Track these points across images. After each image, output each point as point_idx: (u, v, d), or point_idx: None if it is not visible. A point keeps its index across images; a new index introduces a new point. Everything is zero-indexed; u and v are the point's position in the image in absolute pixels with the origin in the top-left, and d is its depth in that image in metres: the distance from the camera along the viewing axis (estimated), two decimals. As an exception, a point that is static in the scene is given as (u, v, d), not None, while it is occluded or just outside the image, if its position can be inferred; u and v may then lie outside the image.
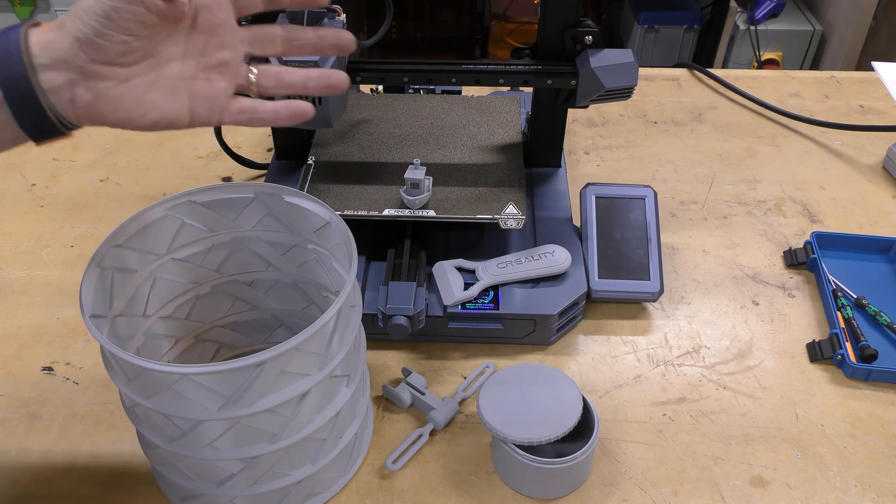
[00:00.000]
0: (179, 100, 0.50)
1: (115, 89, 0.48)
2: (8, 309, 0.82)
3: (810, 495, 0.66)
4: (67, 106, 0.47)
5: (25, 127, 0.47)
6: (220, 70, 0.51)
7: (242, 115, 0.53)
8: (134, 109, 0.49)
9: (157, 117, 0.50)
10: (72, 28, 0.46)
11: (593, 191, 0.85)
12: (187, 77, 0.50)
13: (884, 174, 1.01)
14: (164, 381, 0.51)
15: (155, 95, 0.49)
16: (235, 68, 0.52)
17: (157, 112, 0.50)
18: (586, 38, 0.77)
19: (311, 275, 0.69)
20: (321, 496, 0.65)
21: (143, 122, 0.49)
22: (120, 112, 0.48)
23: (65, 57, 0.46)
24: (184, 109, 0.50)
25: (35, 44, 0.46)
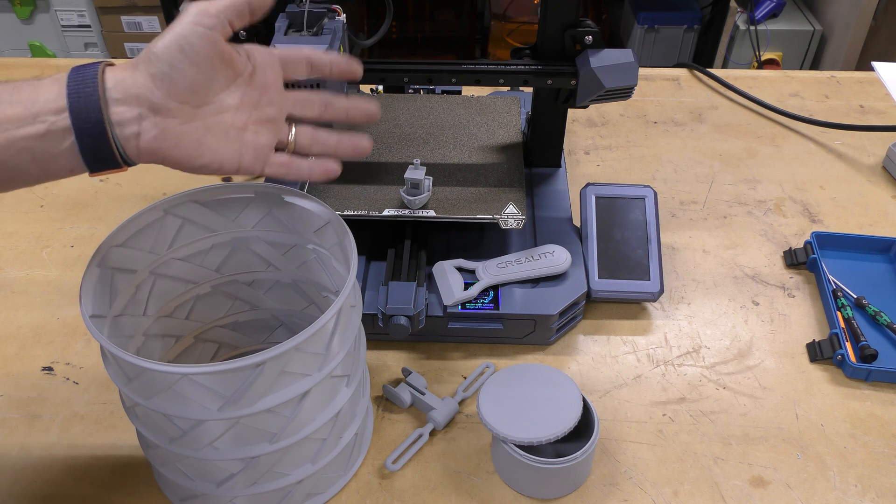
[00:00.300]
0: (231, 147, 0.54)
1: (178, 127, 0.51)
2: (8, 309, 0.82)
3: (810, 495, 0.66)
4: (132, 139, 0.50)
5: (87, 157, 0.50)
6: (267, 125, 0.56)
7: (280, 169, 0.58)
8: (193, 149, 0.53)
9: (210, 159, 0.54)
10: (146, 66, 0.50)
11: (593, 191, 0.85)
12: (239, 127, 0.55)
13: (884, 174, 1.01)
14: (164, 381, 0.51)
15: (211, 139, 0.53)
16: (279, 125, 0.57)
17: (211, 155, 0.53)
18: (586, 38, 0.77)
19: (311, 275, 0.69)
20: (321, 496, 0.65)
21: (197, 163, 0.53)
22: (180, 150, 0.52)
23: (138, 93, 0.50)
24: (234, 156, 0.55)
25: (109, 79, 0.49)
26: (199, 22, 0.51)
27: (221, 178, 0.99)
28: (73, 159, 0.50)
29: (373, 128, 0.89)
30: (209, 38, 0.51)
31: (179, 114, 0.51)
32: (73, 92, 0.48)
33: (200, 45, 0.51)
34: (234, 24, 0.53)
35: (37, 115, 0.48)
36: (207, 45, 0.51)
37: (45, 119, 0.48)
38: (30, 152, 0.49)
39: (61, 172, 0.51)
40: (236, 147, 0.55)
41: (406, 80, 0.79)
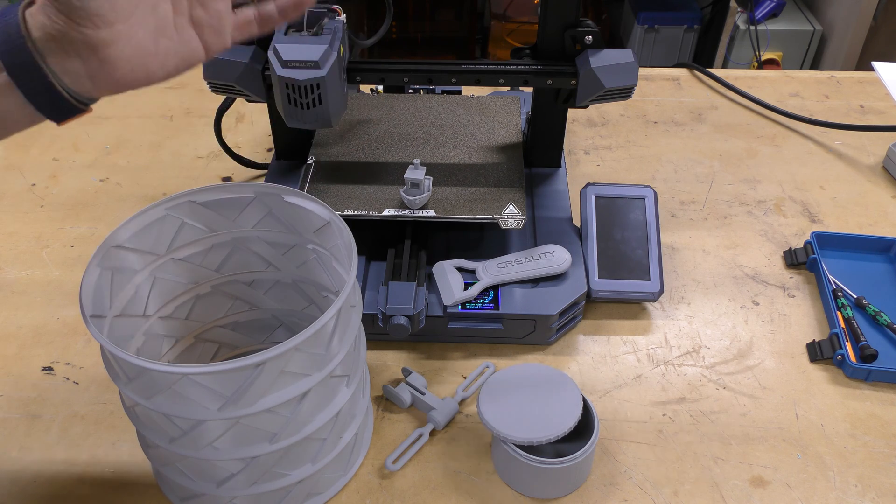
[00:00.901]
0: (187, 36, 0.50)
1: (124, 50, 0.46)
2: (8, 309, 0.82)
3: (810, 495, 0.66)
4: (84, 80, 0.46)
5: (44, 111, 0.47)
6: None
7: (250, 27, 0.52)
8: (150, 63, 0.48)
9: (174, 61, 0.49)
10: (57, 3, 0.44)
11: (593, 191, 0.85)
12: (184, 11, 0.49)
13: (884, 174, 1.01)
14: (164, 381, 0.51)
15: (164, 42, 0.48)
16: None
17: (172, 56, 0.49)
18: (586, 38, 0.77)
19: (311, 275, 0.69)
20: (321, 496, 0.65)
21: (163, 72, 0.49)
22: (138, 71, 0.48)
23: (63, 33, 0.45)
24: (195, 44, 0.50)
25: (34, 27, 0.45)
26: None
27: (221, 178, 0.99)
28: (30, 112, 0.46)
29: (373, 128, 0.89)
30: None
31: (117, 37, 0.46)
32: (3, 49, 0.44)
33: None
34: None
35: None
36: None
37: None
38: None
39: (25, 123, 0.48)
40: (192, 34, 0.49)
41: (406, 80, 0.79)
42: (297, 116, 0.72)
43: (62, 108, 0.47)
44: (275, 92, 0.72)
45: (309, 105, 0.71)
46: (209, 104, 1.13)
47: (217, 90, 0.79)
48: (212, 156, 1.03)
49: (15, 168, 1.01)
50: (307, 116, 0.72)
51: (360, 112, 0.91)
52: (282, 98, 0.71)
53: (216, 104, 1.02)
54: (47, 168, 1.01)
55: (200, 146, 1.05)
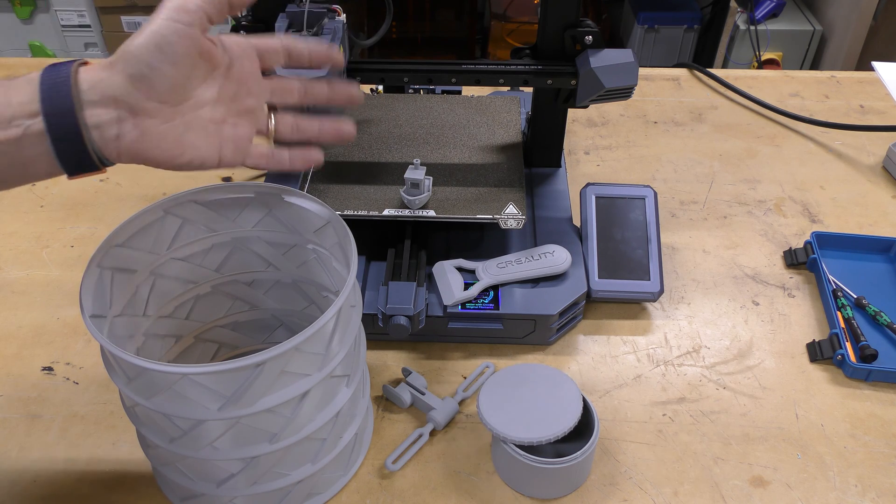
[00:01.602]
0: (212, 142, 0.53)
1: (159, 128, 0.50)
2: (8, 309, 0.82)
3: (810, 495, 0.66)
4: (111, 142, 0.49)
5: (64, 161, 0.48)
6: (246, 116, 0.55)
7: (261, 160, 0.57)
8: (173, 148, 0.51)
9: (191, 157, 0.52)
10: (123, 66, 0.48)
11: (593, 191, 0.85)
12: (218, 121, 0.53)
13: (884, 174, 1.01)
14: (164, 381, 0.51)
15: (191, 136, 0.52)
16: (258, 115, 0.56)
17: (193, 152, 0.52)
18: (586, 38, 0.77)
19: (311, 275, 0.69)
20: (321, 496, 0.65)
21: (179, 161, 0.52)
22: (161, 150, 0.51)
23: (115, 94, 0.48)
24: (215, 151, 0.53)
25: (84, 80, 0.48)
26: (177, 19, 0.49)
27: (221, 178, 0.99)
28: (51, 163, 0.48)
29: (373, 128, 0.89)
30: (188, 35, 0.49)
31: (159, 114, 0.50)
32: (46, 94, 0.47)
33: (179, 44, 0.49)
34: (212, 18, 0.51)
35: (11, 119, 0.46)
36: (186, 43, 0.49)
37: (20, 123, 0.46)
38: (5, 157, 0.47)
39: (39, 175, 0.50)
40: (216, 142, 0.53)
41: (406, 80, 0.79)
42: (297, 116, 0.72)
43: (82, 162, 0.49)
44: (275, 92, 0.72)
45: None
46: (209, 104, 1.12)
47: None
48: (212, 156, 1.03)
49: (15, 168, 1.00)
50: (307, 116, 0.71)
51: (360, 112, 0.91)
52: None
53: (216, 104, 1.02)
54: (47, 168, 1.01)
55: (200, 146, 1.05)
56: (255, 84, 0.55)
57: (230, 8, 0.52)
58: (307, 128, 0.59)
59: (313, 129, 0.59)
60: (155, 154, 0.51)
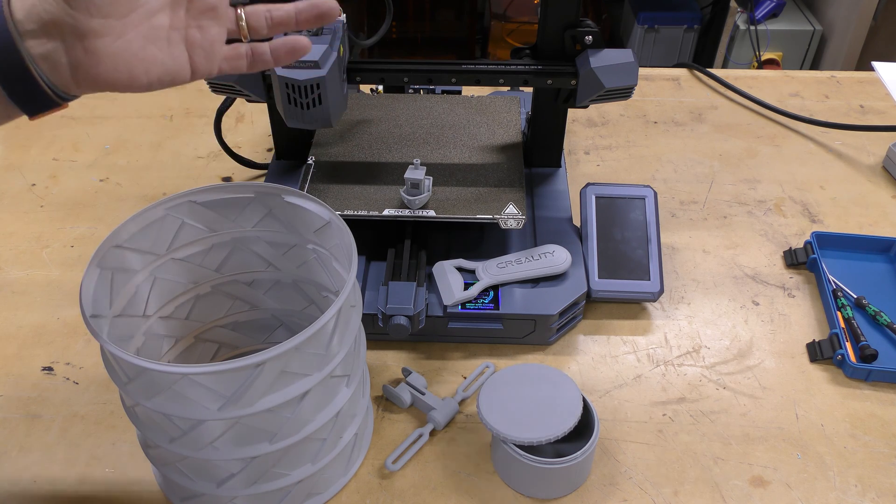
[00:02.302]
0: (177, 51, 0.48)
1: (112, 46, 0.45)
2: (8, 309, 0.82)
3: (810, 495, 0.66)
4: (64, 71, 0.45)
5: (17, 99, 0.45)
6: (210, 16, 0.50)
7: (240, 61, 0.52)
8: (135, 66, 0.47)
9: (159, 72, 0.48)
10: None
11: (593, 191, 0.85)
12: (179, 27, 0.49)
13: (884, 174, 1.01)
14: (164, 381, 0.51)
15: (152, 49, 0.47)
16: (223, 12, 0.50)
17: (159, 67, 0.48)
18: (586, 38, 0.77)
19: (311, 275, 0.69)
20: (321, 496, 0.65)
21: (146, 80, 0.47)
22: (121, 71, 0.46)
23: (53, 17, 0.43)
24: (183, 61, 0.49)
25: (18, 9, 0.43)
26: None
27: (221, 178, 0.99)
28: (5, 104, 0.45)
29: (373, 128, 0.89)
30: None
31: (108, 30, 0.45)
32: None
33: None
34: None
35: None
36: None
37: None
38: None
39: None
40: (182, 50, 0.48)
41: (406, 80, 0.79)
42: (297, 116, 0.72)
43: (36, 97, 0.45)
44: (275, 92, 0.72)
45: (309, 105, 0.71)
46: (209, 104, 1.13)
47: (217, 90, 0.79)
48: (212, 156, 1.03)
49: (15, 168, 1.01)
50: (307, 116, 0.72)
51: (360, 112, 0.91)
52: (282, 98, 0.71)
53: (216, 104, 1.02)
54: (47, 168, 1.01)
55: (200, 146, 1.05)
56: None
57: None
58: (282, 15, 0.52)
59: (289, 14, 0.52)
60: (116, 76, 0.46)
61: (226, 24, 0.51)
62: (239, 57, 0.52)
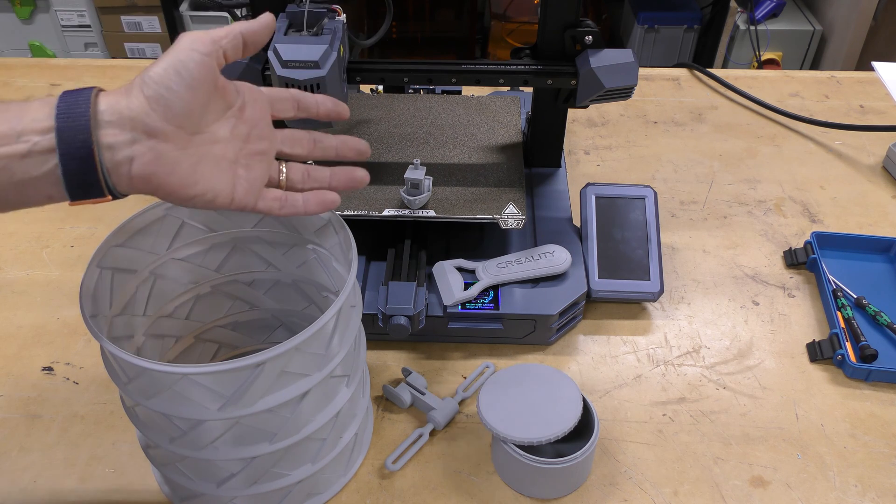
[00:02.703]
0: (225, 177, 0.53)
1: (173, 153, 0.50)
2: (8, 309, 0.82)
3: (810, 495, 0.66)
4: (124, 165, 0.48)
5: (69, 180, 0.47)
6: (258, 159, 0.55)
7: (275, 203, 0.57)
8: (187, 177, 0.51)
9: (203, 189, 0.52)
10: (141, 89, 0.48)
11: (593, 191, 0.85)
12: (231, 159, 0.53)
13: (884, 174, 1.01)
14: (164, 381, 0.51)
15: (205, 168, 0.52)
16: (270, 160, 0.57)
17: (206, 184, 0.52)
18: (586, 38, 0.77)
19: (311, 275, 0.69)
20: (321, 496, 0.65)
21: (191, 192, 0.51)
22: (174, 178, 0.50)
23: (133, 115, 0.48)
24: (228, 187, 0.53)
25: (102, 102, 0.48)
26: (195, 48, 0.50)
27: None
28: (54, 184, 0.47)
29: (373, 128, 0.89)
30: (205, 64, 0.50)
31: (174, 139, 0.50)
32: (62, 112, 0.46)
33: (196, 70, 0.50)
34: (227, 55, 0.52)
35: (21, 133, 0.46)
36: (203, 70, 0.50)
37: (29, 138, 0.46)
38: (8, 172, 0.46)
39: (40, 198, 0.49)
40: (229, 178, 0.53)
41: (406, 80, 0.79)
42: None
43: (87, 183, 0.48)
44: (275, 92, 0.72)
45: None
46: (209, 104, 1.12)
47: (217, 90, 0.79)
48: (212, 156, 1.03)
49: (15, 168, 1.00)
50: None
51: (360, 112, 0.91)
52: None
53: (216, 104, 1.02)
54: (47, 168, 1.01)
55: (200, 146, 1.05)
56: (266, 129, 0.56)
57: (245, 47, 0.54)
58: (318, 176, 0.59)
59: (324, 177, 0.59)
60: (168, 181, 0.50)
61: (269, 170, 0.57)
62: (276, 199, 0.57)
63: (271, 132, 0.57)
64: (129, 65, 1.26)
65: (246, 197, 0.55)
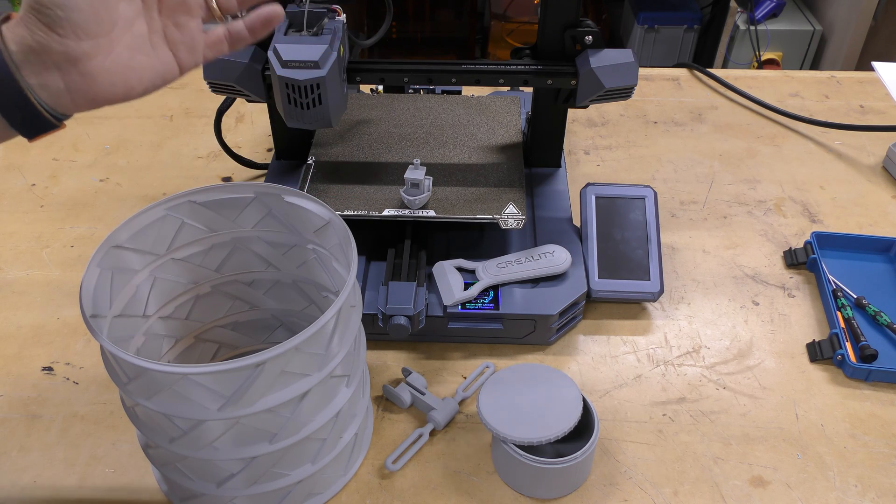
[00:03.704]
0: (163, 54, 0.50)
1: (103, 63, 0.47)
2: (8, 309, 0.82)
3: (810, 495, 0.66)
4: (63, 95, 0.46)
5: (17, 125, 0.46)
6: (182, 10, 0.51)
7: (221, 45, 0.53)
8: (128, 78, 0.48)
9: (150, 76, 0.50)
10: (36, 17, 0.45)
11: (593, 191, 0.85)
12: (157, 30, 0.50)
13: (884, 174, 1.01)
14: (164, 381, 0.51)
15: (140, 57, 0.49)
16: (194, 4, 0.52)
17: (150, 73, 0.50)
18: (586, 38, 0.77)
19: (311, 275, 0.69)
20: (321, 496, 0.65)
21: (140, 88, 0.49)
22: (117, 85, 0.48)
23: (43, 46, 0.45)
24: (169, 60, 0.51)
25: (11, 41, 0.45)
26: None
27: (221, 178, 0.99)
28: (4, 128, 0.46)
29: (373, 128, 0.89)
30: None
31: (97, 50, 0.46)
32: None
33: None
34: None
35: None
36: None
37: None
38: None
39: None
40: (165, 52, 0.50)
41: (406, 80, 0.79)
42: (297, 116, 0.72)
43: (36, 123, 0.47)
44: (275, 92, 0.72)
45: (309, 105, 0.71)
46: (209, 104, 1.13)
47: (217, 90, 0.79)
48: (212, 156, 1.03)
49: (15, 168, 1.01)
50: (307, 116, 0.72)
51: (360, 112, 0.91)
52: (282, 98, 0.71)
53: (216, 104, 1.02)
54: (47, 168, 1.01)
55: (200, 146, 1.05)
56: None
57: None
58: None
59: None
60: (113, 91, 0.48)
61: (199, 13, 0.52)
62: (219, 41, 0.53)
63: None
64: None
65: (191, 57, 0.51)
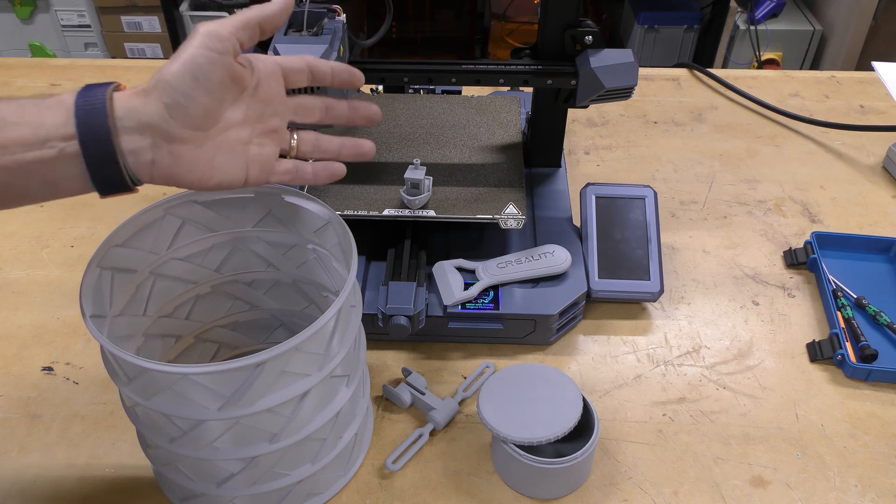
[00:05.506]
0: (239, 163, 0.54)
1: (192, 153, 0.51)
2: (8, 309, 0.82)
3: (810, 495, 0.66)
4: (146, 167, 0.50)
5: (97, 183, 0.49)
6: (271, 135, 0.56)
7: (286, 176, 0.57)
8: (205, 172, 0.52)
9: (220, 179, 0.53)
10: (159, 94, 0.49)
11: (593, 191, 0.85)
12: (244, 141, 0.54)
13: (884, 174, 1.01)
14: (164, 381, 0.51)
15: (221, 159, 0.53)
16: (282, 134, 0.57)
17: (222, 175, 0.53)
18: (586, 38, 0.77)
19: (311, 275, 0.69)
20: (321, 496, 0.65)
21: (209, 184, 0.53)
22: (194, 174, 0.52)
23: (151, 122, 0.49)
24: (242, 172, 0.54)
25: (119, 107, 0.49)
26: (210, 46, 0.50)
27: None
28: (84, 183, 0.49)
29: (373, 128, 0.89)
30: (221, 63, 0.50)
31: (192, 140, 0.51)
32: (81, 119, 0.47)
33: (213, 72, 0.50)
34: (244, 44, 0.52)
35: (45, 140, 0.47)
36: (220, 71, 0.50)
37: (55, 145, 0.47)
38: (39, 175, 0.48)
39: (70, 193, 0.50)
40: (243, 163, 0.54)
41: (406, 80, 0.79)
42: (297, 116, 0.72)
43: (115, 183, 0.50)
44: (275, 92, 0.72)
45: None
46: (209, 104, 1.12)
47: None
48: (212, 156, 1.03)
49: (15, 168, 1.00)
50: (307, 116, 0.71)
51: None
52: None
53: (216, 104, 1.02)
54: (47, 168, 1.01)
55: (200, 146, 1.05)
56: (279, 103, 0.56)
57: (262, 32, 0.54)
58: (328, 145, 0.60)
59: (334, 147, 0.60)
60: (187, 178, 0.52)
61: (281, 144, 0.57)
62: (286, 172, 0.57)
63: (284, 107, 0.57)
64: (129, 65, 1.26)
65: (259, 176, 0.55)
